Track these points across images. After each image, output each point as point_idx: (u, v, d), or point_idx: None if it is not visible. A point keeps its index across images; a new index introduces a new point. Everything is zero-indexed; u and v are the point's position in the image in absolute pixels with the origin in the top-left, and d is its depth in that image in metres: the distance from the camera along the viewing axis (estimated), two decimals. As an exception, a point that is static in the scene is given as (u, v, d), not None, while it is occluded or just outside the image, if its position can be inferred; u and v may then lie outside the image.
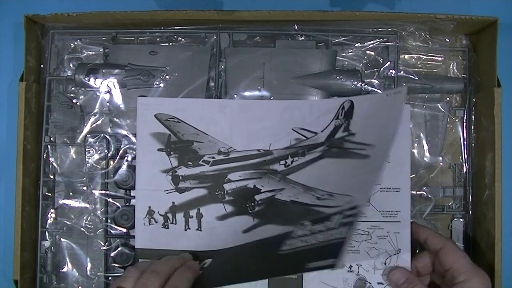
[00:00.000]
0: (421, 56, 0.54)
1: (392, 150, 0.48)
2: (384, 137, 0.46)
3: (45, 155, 0.52)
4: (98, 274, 0.51)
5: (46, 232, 0.53)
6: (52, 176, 0.53)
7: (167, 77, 0.51)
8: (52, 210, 0.53)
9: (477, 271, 0.44)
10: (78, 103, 0.53)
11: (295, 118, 0.49)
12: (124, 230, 0.51)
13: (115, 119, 0.52)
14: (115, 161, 0.51)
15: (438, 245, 0.46)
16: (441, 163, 0.54)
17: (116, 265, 0.51)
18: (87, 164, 0.51)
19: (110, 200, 0.51)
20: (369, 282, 0.48)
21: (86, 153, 0.51)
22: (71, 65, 0.54)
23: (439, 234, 0.48)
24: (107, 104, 0.52)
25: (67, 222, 0.52)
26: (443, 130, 0.53)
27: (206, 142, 0.49)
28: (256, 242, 0.47)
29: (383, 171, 0.47)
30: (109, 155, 0.51)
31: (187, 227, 0.49)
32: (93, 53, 0.54)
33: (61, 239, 0.53)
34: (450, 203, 0.54)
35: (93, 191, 0.51)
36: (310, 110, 0.49)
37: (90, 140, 0.51)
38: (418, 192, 0.53)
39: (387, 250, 0.48)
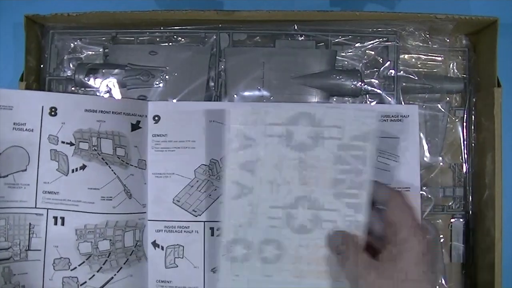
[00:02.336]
0: (421, 56, 0.54)
1: (400, 150, 0.48)
2: None
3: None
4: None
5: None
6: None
7: (167, 77, 0.51)
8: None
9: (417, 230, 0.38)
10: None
11: None
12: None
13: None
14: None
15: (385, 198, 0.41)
16: (441, 163, 0.53)
17: None
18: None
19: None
20: None
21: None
22: (71, 65, 0.54)
23: (389, 188, 0.43)
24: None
25: None
26: (443, 130, 0.53)
27: None
28: None
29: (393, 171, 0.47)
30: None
31: None
32: (93, 53, 0.54)
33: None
34: (450, 203, 0.54)
35: None
36: None
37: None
38: (418, 192, 0.53)
39: None
